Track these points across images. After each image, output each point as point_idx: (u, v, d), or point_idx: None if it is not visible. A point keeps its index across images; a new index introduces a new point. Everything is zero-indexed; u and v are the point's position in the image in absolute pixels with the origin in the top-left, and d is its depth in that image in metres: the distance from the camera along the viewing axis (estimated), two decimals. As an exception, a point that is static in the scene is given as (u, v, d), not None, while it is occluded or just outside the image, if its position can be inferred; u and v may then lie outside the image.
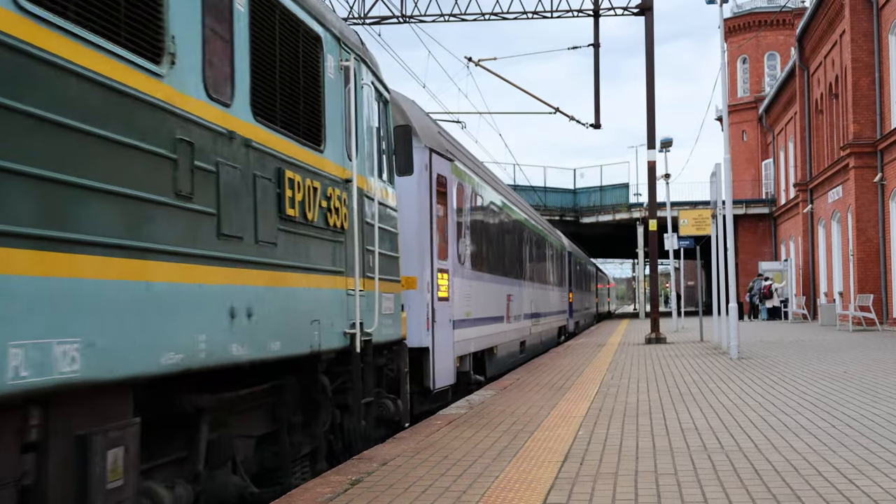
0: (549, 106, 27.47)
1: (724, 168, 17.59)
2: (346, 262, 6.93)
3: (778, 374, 12.86)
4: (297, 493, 5.63)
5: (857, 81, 30.59)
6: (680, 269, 32.17)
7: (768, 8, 63.07)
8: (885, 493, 5.18)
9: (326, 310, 6.47)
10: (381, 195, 8.13)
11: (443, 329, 10.93)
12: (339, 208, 6.76)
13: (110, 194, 3.87)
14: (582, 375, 13.55)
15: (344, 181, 6.94)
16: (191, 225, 4.51)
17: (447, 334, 11.19)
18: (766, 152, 55.82)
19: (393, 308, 8.37)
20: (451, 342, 11.40)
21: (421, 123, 10.95)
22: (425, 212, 10.59)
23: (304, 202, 6.05)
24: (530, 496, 5.33)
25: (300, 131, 6.12)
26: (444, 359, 10.92)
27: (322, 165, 6.47)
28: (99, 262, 3.77)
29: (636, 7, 23.81)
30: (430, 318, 10.44)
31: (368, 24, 25.29)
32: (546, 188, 51.53)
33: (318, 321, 6.25)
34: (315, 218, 6.23)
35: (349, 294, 6.96)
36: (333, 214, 6.62)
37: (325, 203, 6.46)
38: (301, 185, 5.98)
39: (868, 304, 27.09)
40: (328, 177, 6.57)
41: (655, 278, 34.19)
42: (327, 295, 6.51)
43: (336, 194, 6.71)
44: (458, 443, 7.42)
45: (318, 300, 6.31)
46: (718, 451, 6.73)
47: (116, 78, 3.97)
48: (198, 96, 4.65)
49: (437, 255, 10.79)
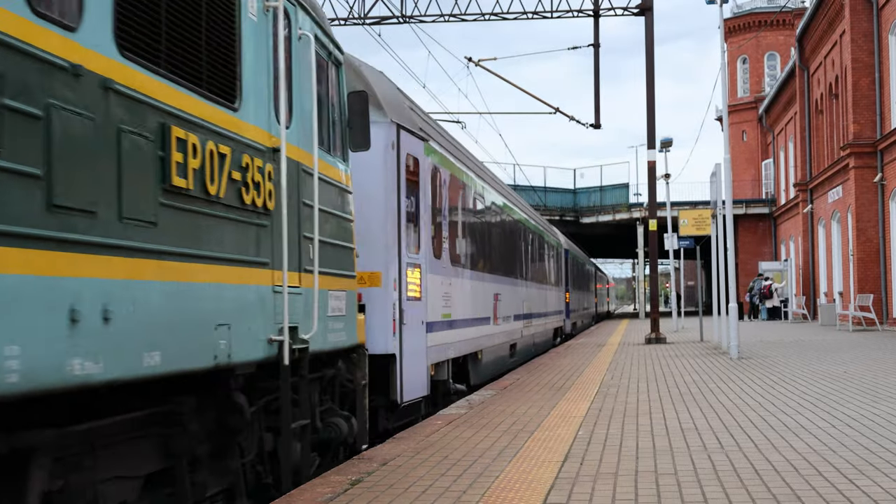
0: (549, 106, 27.50)
1: (724, 168, 17.60)
2: (273, 252, 5.56)
3: (778, 374, 12.86)
4: (297, 494, 5.63)
5: (857, 81, 30.59)
6: (680, 269, 32.17)
7: (768, 8, 63.07)
8: (885, 493, 5.18)
9: (240, 311, 5.09)
10: (329, 173, 6.83)
11: (413, 333, 9.60)
12: (262, 183, 5.41)
13: None
14: (582, 375, 13.55)
15: (270, 150, 5.61)
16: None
17: (419, 338, 9.81)
18: (766, 152, 55.82)
19: (345, 309, 7.04)
20: (424, 347, 10.00)
21: (387, 95, 9.62)
22: (392, 197, 9.21)
23: (205, 171, 4.66)
24: (530, 496, 5.33)
25: (202, 81, 4.77)
26: (414, 367, 9.55)
27: (236, 127, 5.12)
28: None
29: (636, 7, 23.81)
30: (398, 321, 9.12)
31: (368, 24, 25.31)
32: (546, 188, 51.54)
33: (227, 326, 4.88)
34: (221, 193, 4.86)
35: (277, 292, 5.59)
36: (252, 190, 5.27)
37: (239, 175, 5.10)
38: (199, 148, 4.64)
39: (868, 304, 27.09)
40: (245, 142, 5.24)
41: (655, 278, 34.20)
42: (242, 292, 5.12)
43: (257, 165, 5.36)
44: (458, 443, 7.42)
45: (227, 299, 4.93)
46: (718, 451, 6.73)
47: None
48: (11, 6, 3.35)
49: (406, 247, 9.47)
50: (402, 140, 9.51)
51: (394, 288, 9.10)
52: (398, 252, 9.23)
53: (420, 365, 9.81)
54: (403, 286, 9.31)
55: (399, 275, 9.21)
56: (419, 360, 9.79)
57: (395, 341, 9.08)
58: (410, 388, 9.43)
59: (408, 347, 9.37)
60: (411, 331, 9.53)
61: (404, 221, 9.40)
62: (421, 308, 9.96)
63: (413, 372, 9.49)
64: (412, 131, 9.91)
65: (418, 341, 9.79)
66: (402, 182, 9.40)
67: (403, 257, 9.35)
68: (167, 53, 4.44)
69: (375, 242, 8.97)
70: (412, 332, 9.56)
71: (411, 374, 9.43)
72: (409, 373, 9.34)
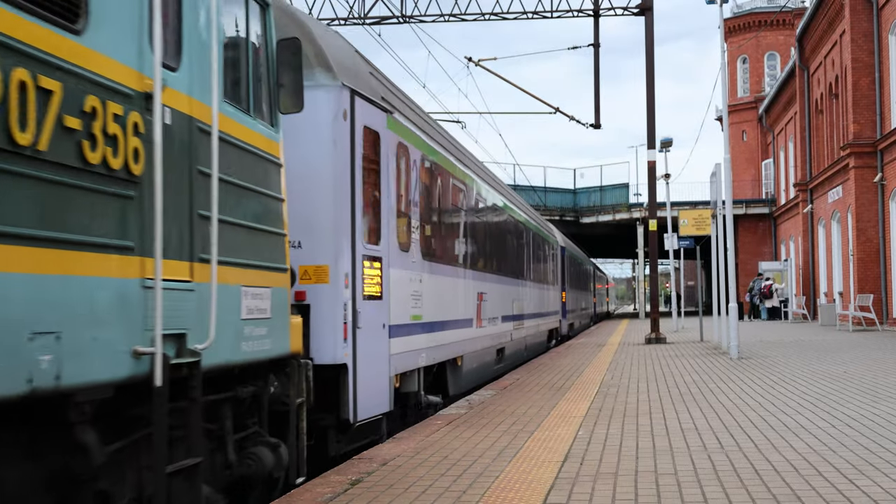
0: (549, 106, 27.52)
1: (724, 168, 17.60)
2: (143, 233, 4.19)
3: (778, 374, 12.86)
4: (297, 493, 5.64)
5: (857, 81, 30.59)
6: (680, 269, 32.17)
7: (768, 8, 63.08)
8: (885, 493, 5.19)
9: (79, 314, 3.72)
10: (246, 137, 5.38)
11: (372, 338, 8.10)
12: (122, 139, 4.04)
13: None
14: (582, 375, 13.55)
15: (141, 96, 4.21)
16: None
17: (379, 345, 8.35)
18: (766, 152, 55.83)
19: (270, 310, 5.59)
20: (386, 355, 8.54)
21: (339, 53, 8.05)
22: (343, 177, 7.66)
23: (7, 111, 3.33)
24: (530, 496, 5.33)
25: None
26: (372, 378, 8.06)
27: (76, 56, 3.74)
28: None
29: (636, 7, 23.82)
30: (351, 324, 7.61)
31: (368, 24, 25.31)
32: (546, 188, 51.53)
33: (53, 335, 3.53)
34: (42, 145, 3.51)
35: (148, 287, 4.19)
36: (102, 147, 3.89)
37: (79, 123, 3.74)
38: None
39: (868, 304, 27.09)
40: (92, 79, 3.85)
41: (655, 278, 34.21)
42: (83, 288, 3.75)
43: (113, 113, 3.98)
44: (458, 443, 7.42)
45: (53, 297, 3.56)
46: (718, 451, 6.73)
47: None
48: None
49: (362, 237, 7.97)
50: (358, 109, 7.98)
51: (345, 284, 7.58)
52: (351, 242, 7.72)
53: (380, 375, 8.35)
54: (358, 283, 7.81)
55: (352, 269, 7.70)
56: (379, 369, 8.31)
57: (347, 348, 7.57)
58: (367, 403, 7.88)
59: (364, 355, 7.84)
60: (368, 335, 8.00)
61: (360, 206, 7.91)
62: (381, 309, 8.45)
63: (370, 384, 8.00)
64: (371, 100, 8.36)
65: (378, 348, 8.31)
66: (356, 159, 7.87)
67: (358, 248, 7.85)
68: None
69: (322, 230, 7.53)
70: (370, 338, 8.03)
71: (368, 386, 7.92)
72: (364, 385, 7.82)
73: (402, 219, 9.41)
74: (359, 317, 7.82)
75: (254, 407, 5.75)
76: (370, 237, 8.29)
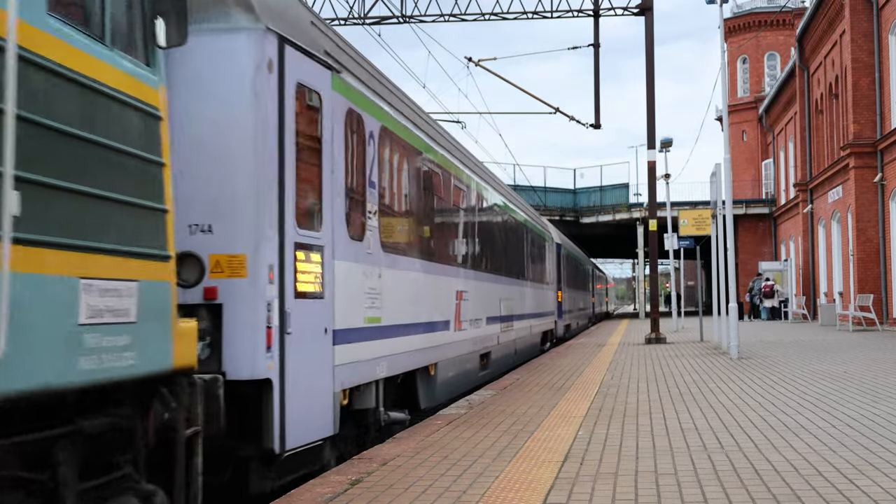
0: (549, 106, 27.52)
1: (724, 168, 17.60)
2: None
3: (778, 374, 12.86)
4: (297, 493, 5.64)
5: (857, 81, 30.60)
6: (680, 269, 32.18)
7: (768, 8, 63.10)
8: (885, 493, 5.19)
9: None
10: (94, 73, 3.99)
11: (307, 345, 6.64)
12: None
13: None
14: (582, 375, 13.55)
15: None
16: None
17: (317, 354, 6.86)
18: (766, 152, 55.84)
19: (133, 312, 4.22)
20: (329, 366, 7.04)
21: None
22: (268, 143, 6.19)
23: None
24: (530, 496, 5.33)
25: None
26: (307, 395, 6.62)
27: None
28: None
29: (636, 7, 23.82)
30: (277, 329, 6.18)
31: (368, 24, 25.32)
32: (546, 188, 51.54)
33: None
34: None
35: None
36: None
37: None
38: None
39: (868, 304, 27.10)
40: None
41: (655, 278, 34.22)
42: None
43: None
44: (458, 443, 7.42)
45: None
46: (718, 451, 6.73)
47: None
48: None
49: (294, 220, 6.49)
50: (290, 61, 6.53)
51: (269, 279, 6.14)
52: (278, 226, 6.27)
53: (319, 392, 6.86)
54: (288, 277, 6.36)
55: (280, 260, 6.26)
56: (317, 384, 6.83)
57: (271, 359, 6.09)
58: (300, 427, 6.42)
59: (295, 367, 6.37)
60: (302, 343, 6.54)
61: (291, 182, 6.44)
62: (322, 310, 6.95)
63: (305, 403, 6.54)
64: (309, 52, 6.86)
65: (316, 357, 6.83)
66: (287, 122, 6.42)
67: (289, 234, 6.40)
68: None
69: (239, 210, 6.08)
70: (304, 345, 6.58)
71: (301, 406, 6.46)
72: (296, 405, 6.36)
73: (355, 201, 7.83)
74: (288, 319, 6.31)
75: (124, 443, 4.40)
76: (306, 221, 6.76)
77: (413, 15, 25.25)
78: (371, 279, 8.19)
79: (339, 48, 8.01)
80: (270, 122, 6.25)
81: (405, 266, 9.46)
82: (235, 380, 5.85)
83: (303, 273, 6.64)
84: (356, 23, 25.27)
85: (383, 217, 8.69)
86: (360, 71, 8.39)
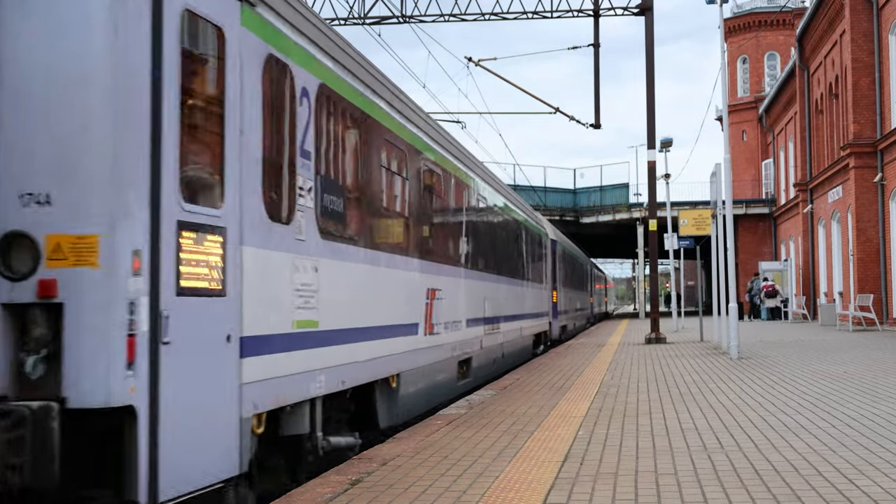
0: (549, 106, 27.53)
1: (724, 168, 17.60)
2: None
3: (778, 374, 12.86)
4: (297, 493, 5.64)
5: (857, 81, 30.60)
6: (680, 269, 32.17)
7: (768, 8, 63.10)
8: (885, 493, 5.19)
9: None
10: None
11: (195, 359, 5.06)
12: None
13: None
14: (582, 375, 13.55)
15: None
16: None
17: (214, 369, 5.26)
18: (766, 152, 55.84)
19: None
20: (233, 385, 5.43)
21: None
22: (134, 87, 4.71)
23: None
24: (530, 496, 5.33)
25: None
26: (194, 426, 5.02)
27: None
28: None
29: (636, 7, 23.82)
30: (147, 338, 4.66)
31: (368, 24, 25.32)
32: (546, 188, 51.54)
33: None
34: None
35: None
36: None
37: None
38: None
39: (868, 304, 27.10)
40: None
41: (655, 278, 34.23)
42: None
43: None
44: (458, 443, 7.42)
45: None
46: (718, 451, 6.73)
47: None
48: None
49: (176, 189, 4.94)
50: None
51: (133, 270, 4.61)
52: (150, 197, 4.74)
53: (216, 419, 5.24)
54: (167, 267, 4.81)
55: (152, 244, 4.73)
56: (213, 409, 5.22)
57: (134, 380, 4.56)
58: (182, 469, 4.88)
59: (175, 389, 4.83)
60: (189, 355, 4.98)
61: (172, 141, 4.91)
62: (224, 311, 5.34)
63: (191, 436, 4.96)
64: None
65: (212, 374, 5.22)
66: (166, 62, 4.89)
67: (168, 209, 4.85)
68: None
69: (89, 175, 4.58)
70: (192, 358, 5.02)
71: (185, 440, 4.91)
72: (177, 440, 4.81)
73: (278, 174, 6.19)
74: (165, 324, 4.78)
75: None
76: (198, 193, 5.20)
77: (413, 15, 25.26)
78: (304, 273, 6.56)
79: None
80: (138, 59, 4.73)
81: (356, 258, 7.78)
82: (81, 408, 4.42)
83: (190, 262, 5.02)
84: (356, 23, 25.27)
85: (325, 196, 7.00)
86: (288, 11, 6.48)
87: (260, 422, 5.83)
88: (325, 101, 7.13)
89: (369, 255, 8.19)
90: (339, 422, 7.73)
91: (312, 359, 6.70)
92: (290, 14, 6.53)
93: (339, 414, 7.77)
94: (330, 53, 7.38)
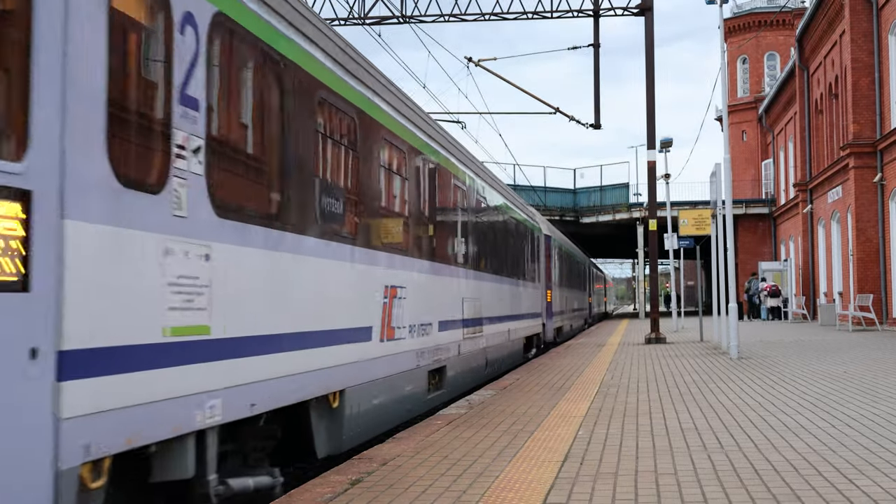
0: (549, 106, 27.52)
1: (724, 168, 17.60)
2: None
3: (778, 374, 12.86)
4: (297, 493, 5.64)
5: (857, 81, 30.60)
6: (680, 269, 32.17)
7: (768, 8, 63.11)
8: (885, 493, 5.19)
9: None
10: None
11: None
12: None
13: None
14: (582, 375, 13.55)
15: None
16: None
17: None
18: (765, 152, 55.83)
19: None
20: (39, 423, 3.78)
21: None
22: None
23: None
24: (530, 496, 5.33)
25: None
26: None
27: None
28: None
29: (636, 7, 23.82)
30: None
31: (368, 24, 25.32)
32: (546, 188, 51.54)
33: None
34: None
35: None
36: None
37: None
38: None
39: (868, 304, 27.10)
40: None
41: (655, 278, 34.21)
42: None
43: None
44: (458, 443, 7.42)
45: None
46: (718, 451, 6.73)
47: None
48: None
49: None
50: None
51: None
52: None
53: (9, 476, 3.63)
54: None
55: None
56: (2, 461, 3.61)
57: None
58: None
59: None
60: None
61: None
62: (25, 313, 3.74)
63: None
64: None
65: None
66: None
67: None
68: None
69: None
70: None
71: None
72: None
73: (138, 123, 4.64)
74: None
75: None
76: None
77: (413, 15, 25.26)
78: (185, 262, 4.94)
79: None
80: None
81: (274, 245, 6.13)
82: None
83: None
84: (356, 23, 25.27)
85: (222, 161, 5.47)
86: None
87: (100, 471, 4.24)
88: (226, 36, 5.52)
89: (296, 242, 6.46)
90: (251, 457, 6.12)
91: (199, 377, 5.04)
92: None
93: (252, 445, 6.12)
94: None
